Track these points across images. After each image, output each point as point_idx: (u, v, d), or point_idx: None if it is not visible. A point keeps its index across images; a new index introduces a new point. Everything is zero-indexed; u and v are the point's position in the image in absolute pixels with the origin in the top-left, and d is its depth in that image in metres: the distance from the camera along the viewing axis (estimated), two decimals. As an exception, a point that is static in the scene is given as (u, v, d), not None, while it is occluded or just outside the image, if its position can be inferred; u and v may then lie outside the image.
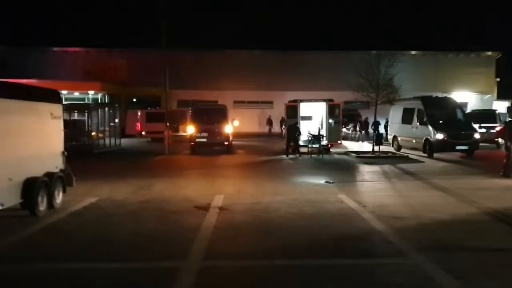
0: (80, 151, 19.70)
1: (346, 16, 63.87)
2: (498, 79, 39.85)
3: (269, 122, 34.85)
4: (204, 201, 9.08)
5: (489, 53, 39.11)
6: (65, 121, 22.30)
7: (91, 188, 10.65)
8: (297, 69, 36.82)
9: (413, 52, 38.30)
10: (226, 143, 20.16)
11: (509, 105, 39.75)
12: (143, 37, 47.01)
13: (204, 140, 19.95)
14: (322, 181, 11.97)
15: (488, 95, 38.54)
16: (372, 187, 11.05)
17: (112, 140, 23.55)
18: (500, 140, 12.63)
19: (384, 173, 13.63)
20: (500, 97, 39.75)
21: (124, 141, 26.66)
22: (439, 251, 5.89)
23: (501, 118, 23.71)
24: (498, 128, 23.19)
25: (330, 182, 11.69)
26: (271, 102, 37.61)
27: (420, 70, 36.63)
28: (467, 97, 36.55)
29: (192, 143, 20.00)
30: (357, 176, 13.21)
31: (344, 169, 14.68)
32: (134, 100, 37.32)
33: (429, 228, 7.04)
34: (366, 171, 14.22)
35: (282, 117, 31.97)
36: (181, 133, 26.15)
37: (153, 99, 34.16)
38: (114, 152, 21.02)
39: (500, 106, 35.94)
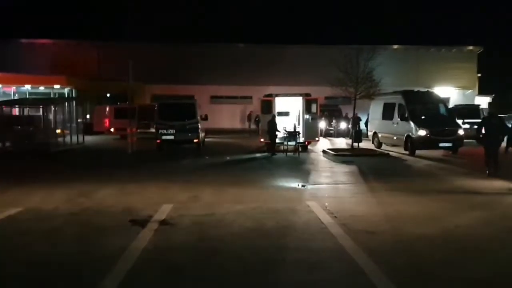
0: (34, 151, 18.04)
1: (329, 10, 62.69)
2: (479, 75, 39.19)
3: (250, 118, 33.52)
4: (147, 212, 7.62)
5: (471, 47, 38.40)
6: (18, 118, 21.07)
7: (19, 196, 9.10)
8: (278, 63, 35.52)
9: (395, 46, 37.34)
10: (195, 140, 18.67)
11: (490, 100, 39.24)
12: (115, 29, 44.96)
13: (171, 137, 18.43)
14: (292, 184, 10.64)
15: (470, 90, 37.85)
16: (347, 191, 9.74)
17: (74, 138, 21.88)
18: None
19: (361, 173, 12.36)
20: (482, 92, 39.17)
21: (90, 139, 24.99)
22: (422, 282, 4.59)
23: (485, 114, 22.79)
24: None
25: (303, 185, 10.42)
26: (250, 97, 36.21)
27: (401, 65, 35.72)
28: (449, 92, 35.78)
29: (158, 141, 18.48)
30: (332, 177, 11.88)
31: (319, 169, 13.36)
32: (108, 95, 35.31)
33: (410, 248, 5.72)
34: (343, 171, 12.93)
35: (254, 114, 30.58)
36: (152, 130, 24.61)
37: (126, 95, 32.33)
38: (73, 151, 19.31)
39: (482, 102, 35.28)
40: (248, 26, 53.10)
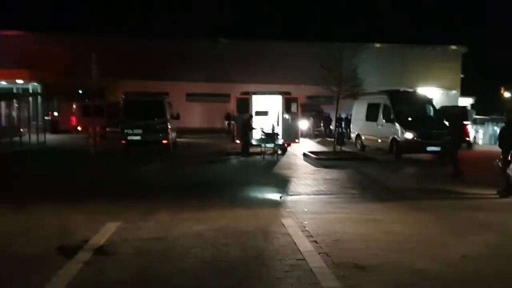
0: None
1: (312, 6, 61.65)
2: (462, 76, 38.56)
3: (229, 117, 32.04)
4: (84, 234, 6.13)
5: (455, 47, 37.69)
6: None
7: None
8: (258, 60, 34.14)
9: (377, 45, 36.39)
10: (164, 141, 17.12)
11: (473, 102, 38.66)
12: (88, 24, 42.94)
13: (138, 138, 16.81)
14: (267, 194, 9.28)
15: (454, 91, 37.16)
16: (330, 205, 8.38)
17: (36, 137, 20.07)
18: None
19: (344, 181, 11.06)
20: (465, 93, 38.55)
21: (54, 138, 23.27)
22: None
23: (471, 116, 22.01)
24: (470, 127, 21.37)
25: (280, 197, 9.06)
26: (228, 95, 34.67)
27: (385, 64, 34.74)
28: (433, 93, 34.95)
29: (124, 142, 16.84)
30: (313, 186, 10.52)
31: (299, 176, 11.99)
32: (81, 92, 33.27)
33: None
34: (324, 178, 11.60)
35: (231, 113, 29.13)
36: (121, 129, 22.95)
37: (99, 91, 30.37)
38: (28, 153, 17.43)
39: (465, 103, 34.66)
40: (226, 20, 51.48)
